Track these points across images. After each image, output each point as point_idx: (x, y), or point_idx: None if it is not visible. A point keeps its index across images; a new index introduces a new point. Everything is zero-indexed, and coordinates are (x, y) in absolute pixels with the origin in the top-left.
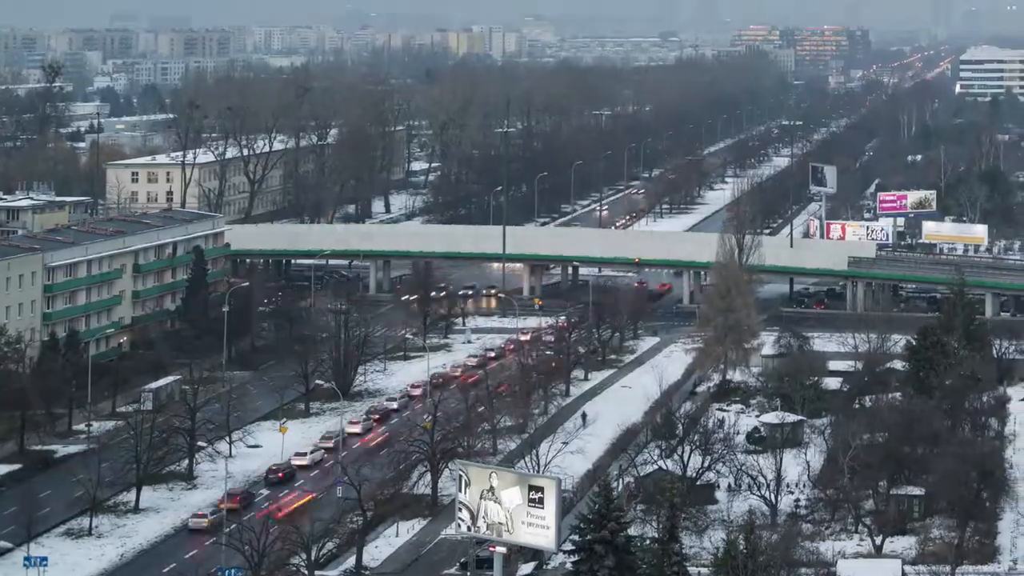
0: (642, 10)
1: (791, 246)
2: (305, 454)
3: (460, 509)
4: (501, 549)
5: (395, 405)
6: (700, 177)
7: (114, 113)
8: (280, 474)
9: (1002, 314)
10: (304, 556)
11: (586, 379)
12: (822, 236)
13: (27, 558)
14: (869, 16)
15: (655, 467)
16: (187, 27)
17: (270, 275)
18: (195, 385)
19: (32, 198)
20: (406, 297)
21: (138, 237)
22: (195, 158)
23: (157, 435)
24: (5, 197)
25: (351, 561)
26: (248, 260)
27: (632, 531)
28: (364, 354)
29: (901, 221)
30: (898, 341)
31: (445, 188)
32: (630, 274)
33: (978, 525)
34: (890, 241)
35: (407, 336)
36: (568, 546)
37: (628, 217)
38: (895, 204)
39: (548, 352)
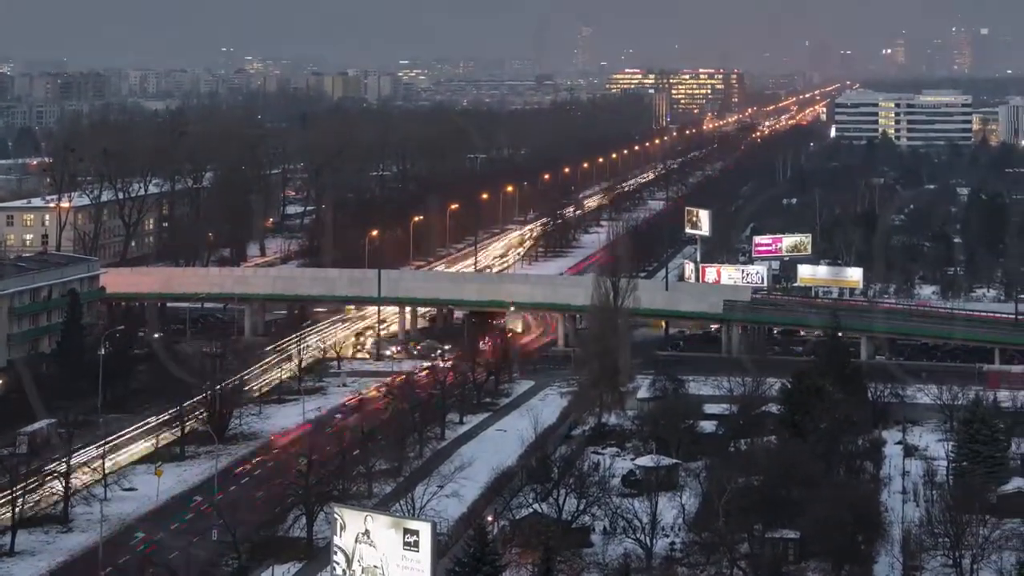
0: (517, 52)
1: (666, 289)
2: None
3: (335, 552)
4: None
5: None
6: (575, 220)
7: None
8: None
9: (877, 357)
10: None
11: (461, 422)
12: (697, 280)
13: None
14: (744, 59)
15: (530, 510)
16: (62, 70)
17: (145, 318)
18: (70, 428)
19: None
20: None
21: (13, 280)
22: (71, 201)
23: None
24: None
25: None
26: (123, 303)
27: (507, 575)
28: (239, 397)
29: (776, 265)
30: (773, 384)
31: (320, 231)
32: (504, 319)
33: (853, 568)
34: (765, 285)
35: (282, 379)
36: None
37: (503, 260)
38: (770, 248)
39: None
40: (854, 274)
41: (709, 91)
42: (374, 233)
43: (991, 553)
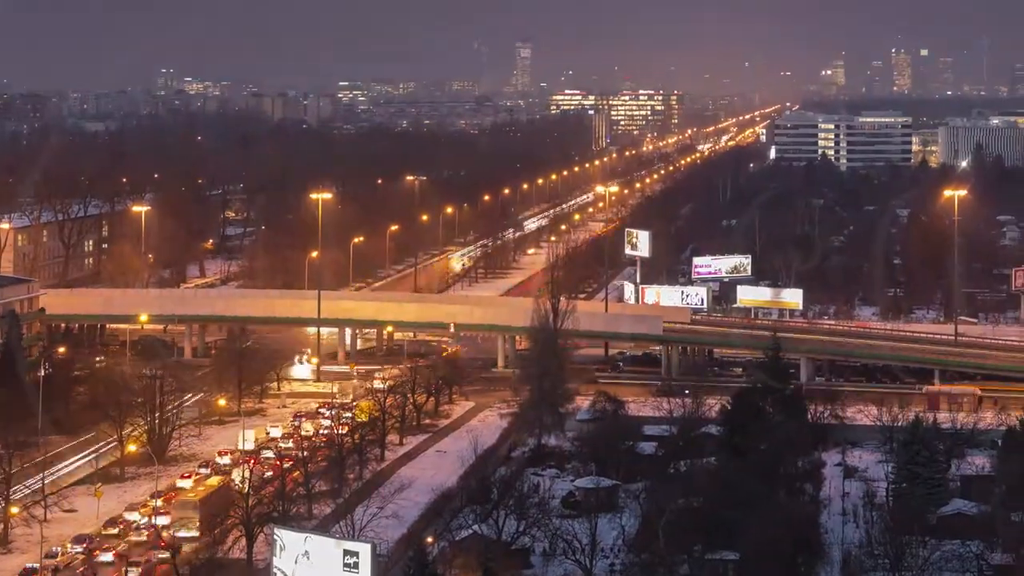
0: (457, 73)
1: (606, 311)
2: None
3: (275, 574)
4: None
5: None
6: (515, 241)
7: None
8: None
9: (817, 379)
10: None
11: (401, 444)
12: (637, 301)
13: None
14: (684, 80)
15: (470, 532)
16: (1, 91)
17: (85, 339)
18: (10, 450)
19: None
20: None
21: None
22: (10, 222)
23: None
24: None
25: None
26: (63, 324)
27: None
28: (179, 419)
29: (716, 286)
30: (713, 406)
31: (260, 252)
32: (445, 339)
33: None
34: (705, 306)
35: (222, 401)
36: None
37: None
38: (710, 269)
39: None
40: (794, 295)
41: (649, 112)
42: (314, 254)
43: (931, 575)
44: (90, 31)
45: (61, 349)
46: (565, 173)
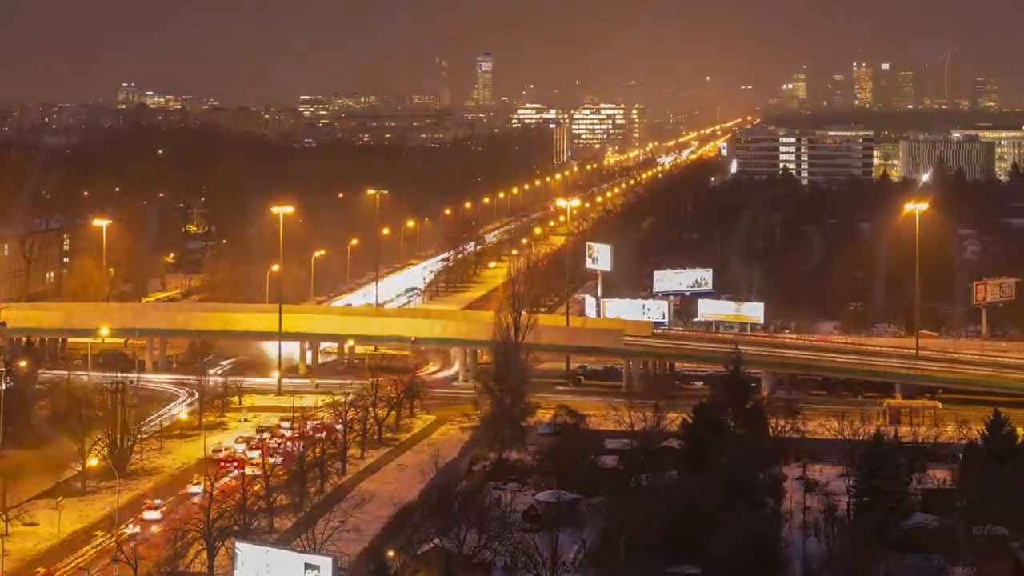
0: (418, 87)
1: (567, 325)
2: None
3: None
4: None
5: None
6: (476, 255)
7: None
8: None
9: (778, 392)
10: None
11: (362, 457)
12: (598, 315)
13: None
14: (646, 94)
15: (431, 545)
16: None
17: (46, 353)
18: None
19: None
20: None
21: None
22: None
23: None
24: None
25: None
26: (25, 338)
27: None
28: (140, 432)
29: (677, 300)
30: (674, 419)
31: (221, 266)
32: (406, 352)
33: None
34: (666, 320)
35: (183, 414)
36: None
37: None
38: (671, 283)
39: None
40: (755, 309)
41: (610, 126)
42: (275, 268)
43: None
44: (52, 45)
45: (23, 363)
46: (526, 187)
